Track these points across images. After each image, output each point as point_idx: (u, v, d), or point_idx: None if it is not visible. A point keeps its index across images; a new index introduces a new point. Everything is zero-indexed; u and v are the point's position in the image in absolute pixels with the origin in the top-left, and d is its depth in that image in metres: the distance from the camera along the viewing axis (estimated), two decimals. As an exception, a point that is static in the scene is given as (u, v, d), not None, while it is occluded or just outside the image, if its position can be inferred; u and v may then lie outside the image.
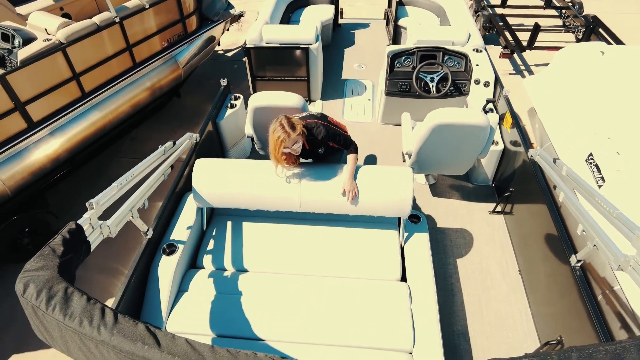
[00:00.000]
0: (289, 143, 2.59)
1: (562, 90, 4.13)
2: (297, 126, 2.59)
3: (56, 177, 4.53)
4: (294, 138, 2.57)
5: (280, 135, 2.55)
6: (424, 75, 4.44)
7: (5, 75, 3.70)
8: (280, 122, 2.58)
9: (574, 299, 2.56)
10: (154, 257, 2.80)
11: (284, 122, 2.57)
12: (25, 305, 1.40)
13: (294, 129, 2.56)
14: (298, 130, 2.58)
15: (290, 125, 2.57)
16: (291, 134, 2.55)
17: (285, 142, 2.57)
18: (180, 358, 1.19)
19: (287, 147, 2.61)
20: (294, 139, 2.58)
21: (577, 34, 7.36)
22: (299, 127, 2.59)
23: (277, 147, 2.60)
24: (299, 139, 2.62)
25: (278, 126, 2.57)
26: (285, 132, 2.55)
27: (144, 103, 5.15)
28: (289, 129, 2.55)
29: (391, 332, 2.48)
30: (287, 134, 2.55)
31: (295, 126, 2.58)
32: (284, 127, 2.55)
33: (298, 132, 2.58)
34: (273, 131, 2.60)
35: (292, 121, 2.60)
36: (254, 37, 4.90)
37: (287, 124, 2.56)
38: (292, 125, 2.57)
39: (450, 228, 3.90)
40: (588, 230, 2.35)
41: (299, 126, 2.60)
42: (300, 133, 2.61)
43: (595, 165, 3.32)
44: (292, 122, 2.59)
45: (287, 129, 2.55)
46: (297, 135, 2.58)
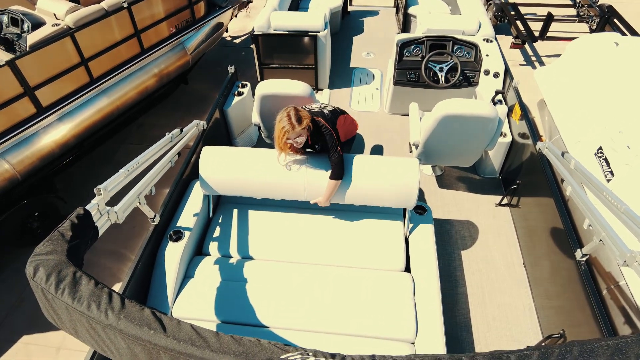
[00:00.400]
0: (292, 135, 2.58)
1: (574, 82, 4.07)
2: (304, 121, 2.57)
3: (65, 163, 4.58)
4: (297, 131, 2.56)
5: (285, 126, 2.55)
6: (433, 64, 4.39)
7: (14, 60, 3.72)
8: (288, 112, 2.57)
9: (578, 293, 2.55)
10: (161, 244, 2.83)
11: (291, 113, 2.56)
12: (35, 289, 1.43)
13: (299, 123, 2.55)
14: (304, 124, 2.57)
15: (297, 118, 2.55)
16: (296, 127, 2.54)
17: (289, 133, 2.56)
18: (185, 343, 1.21)
19: (290, 138, 2.61)
20: (297, 132, 2.57)
21: (591, 24, 7.21)
22: (305, 121, 2.57)
23: (281, 137, 2.60)
24: (303, 132, 2.61)
25: (285, 116, 2.56)
26: (291, 124, 2.54)
27: (151, 89, 5.16)
28: (294, 121, 2.54)
29: (394, 322, 2.50)
30: (292, 126, 2.54)
31: (302, 120, 2.56)
32: (290, 118, 2.54)
33: (303, 126, 2.57)
34: (279, 120, 2.59)
35: (300, 114, 2.57)
36: (261, 23, 4.86)
37: (294, 116, 2.55)
38: (299, 119, 2.55)
39: (456, 220, 3.89)
40: (595, 224, 2.33)
41: (306, 121, 2.58)
42: (306, 127, 2.59)
43: (604, 159, 3.28)
44: (300, 115, 2.57)
45: (292, 121, 2.54)
46: (301, 129, 2.56)
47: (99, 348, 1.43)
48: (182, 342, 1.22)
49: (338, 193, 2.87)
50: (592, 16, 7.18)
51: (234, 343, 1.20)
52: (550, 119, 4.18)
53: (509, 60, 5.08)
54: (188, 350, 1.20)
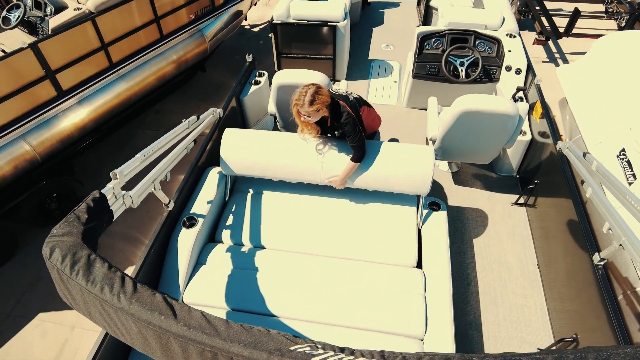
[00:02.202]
0: (302, 111, 2.63)
1: (598, 81, 3.95)
2: (316, 104, 2.60)
3: (83, 146, 4.65)
4: (306, 110, 2.61)
5: (298, 100, 2.62)
6: (453, 59, 4.31)
7: (37, 43, 3.77)
8: (307, 90, 2.60)
9: (593, 297, 2.50)
10: (174, 229, 2.86)
11: (309, 91, 2.59)
12: (51, 269, 1.46)
13: (310, 104, 2.59)
14: (314, 107, 2.60)
15: (310, 99, 2.58)
16: (305, 106, 2.59)
17: (298, 107, 2.63)
18: (195, 330, 1.22)
19: (301, 112, 2.66)
20: (306, 111, 2.62)
21: (619, 21, 6.98)
22: (317, 105, 2.60)
23: (293, 105, 2.67)
24: (312, 114, 2.64)
25: (303, 91, 2.61)
26: (302, 101, 2.59)
27: (169, 76, 5.19)
28: (306, 101, 2.58)
29: (404, 318, 2.49)
30: (302, 104, 2.60)
31: (314, 103, 2.59)
32: (305, 95, 2.58)
33: (314, 108, 2.60)
34: (297, 91, 2.65)
35: (316, 96, 2.59)
36: (281, 12, 4.83)
37: (309, 95, 2.58)
38: (312, 101, 2.58)
39: (471, 217, 3.84)
40: (615, 228, 2.27)
41: (318, 105, 2.60)
42: (317, 110, 2.62)
43: (627, 161, 3.19)
44: (315, 97, 2.59)
45: (304, 99, 2.58)
46: (311, 110, 2.60)
47: (111, 330, 1.45)
48: (192, 329, 1.23)
49: (353, 176, 2.91)
50: (621, 13, 6.94)
51: (243, 332, 1.21)
52: (571, 118, 4.08)
53: (532, 56, 4.95)
54: (198, 338, 1.21)
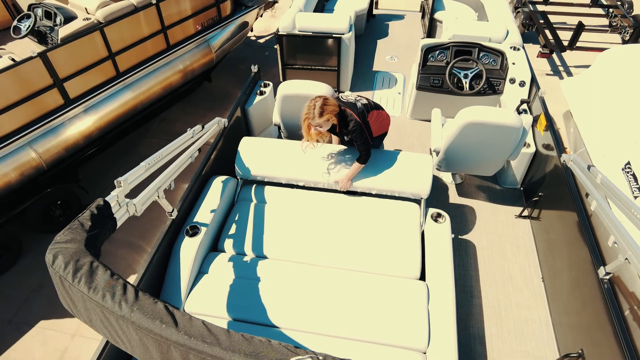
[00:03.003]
0: (313, 123, 2.76)
1: (603, 94, 3.95)
2: (325, 115, 2.71)
3: (88, 154, 4.68)
4: (317, 121, 2.73)
5: (308, 113, 2.74)
6: (457, 71, 4.33)
7: (46, 52, 3.82)
8: (315, 103, 2.72)
9: (599, 312, 2.47)
10: (177, 238, 2.85)
11: (317, 104, 2.71)
12: (54, 276, 1.46)
13: (320, 115, 2.71)
14: (325, 117, 2.71)
15: (319, 111, 2.70)
16: (315, 118, 2.71)
17: (309, 119, 2.75)
18: (196, 339, 1.21)
19: (312, 125, 2.78)
20: (317, 122, 2.74)
21: (624, 35, 7.00)
22: (326, 115, 2.71)
23: (303, 120, 2.78)
24: (323, 124, 2.76)
25: (311, 105, 2.73)
26: (312, 114, 2.71)
27: (175, 85, 5.24)
28: (316, 113, 2.70)
29: (406, 330, 2.46)
30: (312, 117, 2.72)
31: (324, 114, 2.71)
32: (314, 108, 2.70)
33: (324, 119, 2.72)
34: (306, 105, 2.77)
35: (325, 107, 2.71)
36: (286, 24, 4.88)
37: (318, 107, 2.69)
38: (321, 112, 2.70)
39: (475, 229, 3.82)
40: (620, 242, 2.25)
41: (327, 115, 2.72)
42: (327, 120, 2.74)
43: (632, 174, 3.17)
44: (324, 109, 2.71)
45: (314, 112, 2.70)
46: (322, 121, 2.72)
47: (112, 338, 1.44)
48: (193, 338, 1.22)
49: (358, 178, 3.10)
50: (625, 27, 6.97)
51: (244, 342, 1.20)
52: (576, 131, 4.07)
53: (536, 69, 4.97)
54: (198, 347, 1.21)
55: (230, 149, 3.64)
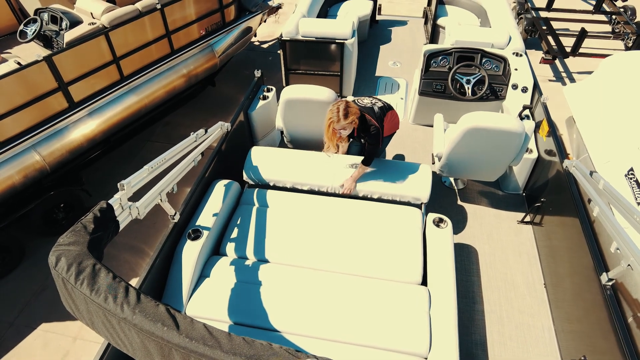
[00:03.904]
0: (337, 126, 2.82)
1: (605, 100, 3.95)
2: (350, 117, 2.78)
3: (92, 157, 4.71)
4: (342, 124, 2.79)
5: (332, 117, 2.79)
6: (460, 76, 4.34)
7: (51, 56, 3.86)
8: (338, 106, 2.79)
9: (602, 318, 2.46)
10: (179, 241, 2.86)
11: (341, 107, 2.78)
12: (56, 278, 1.47)
13: (345, 117, 2.78)
14: (349, 119, 2.78)
15: (344, 113, 2.76)
16: (340, 120, 2.77)
17: (334, 124, 2.80)
18: (197, 342, 1.22)
19: (337, 129, 2.85)
20: (342, 125, 2.80)
21: (626, 41, 7.01)
22: (351, 117, 2.79)
23: (327, 125, 2.84)
24: (347, 126, 2.84)
25: (335, 108, 2.79)
26: (337, 116, 2.77)
27: (179, 90, 5.27)
28: (341, 115, 2.76)
29: (408, 335, 2.45)
30: (338, 119, 2.77)
31: (349, 116, 2.77)
32: (339, 112, 2.77)
33: (349, 121, 2.79)
34: (329, 110, 2.83)
35: (348, 110, 2.78)
36: (290, 29, 4.91)
37: (342, 110, 2.76)
38: (346, 114, 2.77)
39: (477, 235, 3.81)
40: (623, 248, 2.24)
41: (352, 117, 2.79)
42: (351, 122, 2.80)
43: (635, 181, 3.16)
44: (348, 111, 2.78)
45: (339, 115, 2.76)
46: (346, 123, 2.78)
47: (113, 341, 1.45)
48: (195, 341, 1.22)
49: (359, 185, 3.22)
50: (628, 33, 6.98)
51: (245, 345, 1.20)
52: (578, 136, 4.07)
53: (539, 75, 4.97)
54: (200, 350, 1.21)
55: (233, 153, 3.65)
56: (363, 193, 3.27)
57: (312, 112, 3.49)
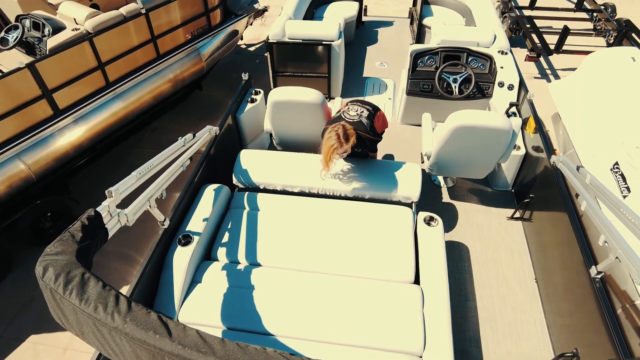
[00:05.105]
0: (340, 151, 2.85)
1: (589, 96, 4.02)
2: (351, 138, 2.83)
3: (79, 164, 4.64)
4: (345, 148, 2.83)
5: (334, 144, 2.80)
6: (446, 75, 4.37)
7: (34, 63, 3.80)
8: (337, 132, 2.80)
9: (592, 311, 2.49)
10: (169, 248, 2.83)
11: (340, 132, 2.80)
12: (44, 288, 1.44)
13: (347, 141, 2.82)
14: (351, 141, 2.83)
15: (345, 137, 2.81)
16: (344, 145, 2.81)
17: (338, 150, 2.83)
18: (190, 349, 1.20)
19: (338, 153, 2.89)
20: (345, 149, 2.84)
21: (608, 38, 7.14)
22: (352, 139, 2.83)
23: (329, 154, 2.85)
24: (349, 148, 2.88)
25: (334, 135, 2.80)
26: (339, 142, 2.79)
27: (166, 94, 5.23)
28: (342, 140, 2.80)
29: (402, 335, 2.46)
30: (340, 144, 2.80)
31: (349, 138, 2.82)
32: (340, 137, 2.79)
33: (350, 143, 2.83)
34: (327, 138, 2.84)
35: (347, 133, 2.82)
36: (276, 32, 4.91)
37: (342, 135, 2.80)
38: (347, 138, 2.82)
39: (467, 232, 3.84)
40: (610, 241, 2.28)
41: (352, 138, 2.84)
42: (352, 143, 2.85)
43: (620, 174, 3.22)
44: (347, 135, 2.82)
45: (341, 140, 2.80)
46: (349, 146, 2.83)
47: (104, 351, 1.42)
48: (187, 348, 1.21)
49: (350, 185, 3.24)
50: (609, 30, 7.11)
51: (239, 350, 1.19)
52: (564, 132, 4.13)
53: (524, 73, 5.04)
54: (193, 357, 1.19)
55: (222, 157, 3.63)
56: (354, 193, 3.27)
57: (300, 114, 3.49)
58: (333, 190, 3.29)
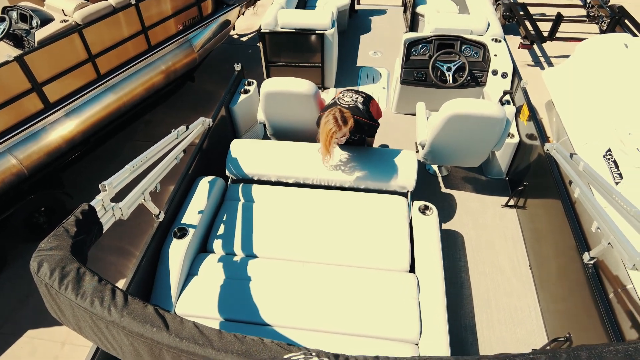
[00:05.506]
0: (339, 135, 2.80)
1: (583, 83, 4.02)
2: (349, 121, 2.80)
3: (71, 158, 4.60)
4: (344, 131, 2.80)
5: (332, 128, 2.77)
6: (440, 64, 4.36)
7: (23, 56, 3.74)
8: (334, 115, 2.77)
9: (585, 296, 2.52)
10: (165, 241, 2.83)
11: (337, 115, 2.77)
12: (39, 284, 1.43)
13: (345, 124, 2.78)
14: (349, 124, 2.80)
15: (342, 120, 2.77)
16: (342, 128, 2.77)
17: (337, 134, 2.78)
18: (187, 342, 1.21)
19: (337, 138, 2.83)
20: (344, 132, 2.81)
21: (601, 25, 7.13)
22: (350, 121, 2.81)
23: (328, 138, 2.80)
24: (347, 132, 2.84)
25: (332, 119, 2.77)
26: (337, 126, 2.75)
27: (158, 86, 5.17)
28: (341, 123, 2.76)
29: (398, 323, 2.48)
30: (339, 127, 2.76)
31: (347, 121, 2.79)
32: (337, 120, 2.76)
33: (349, 126, 2.80)
34: (325, 123, 2.79)
35: (345, 116, 2.79)
36: (269, 21, 4.86)
37: (340, 118, 2.76)
38: (345, 120, 2.78)
39: (462, 220, 3.86)
40: (603, 227, 2.30)
41: (350, 121, 2.81)
42: (350, 126, 2.81)
43: (613, 161, 3.24)
44: (345, 117, 2.79)
45: (339, 123, 2.76)
46: (347, 129, 2.80)
47: (102, 344, 1.43)
48: (185, 340, 1.21)
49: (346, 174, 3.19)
50: (602, 17, 7.10)
51: (236, 342, 1.19)
52: (558, 120, 4.14)
53: (518, 60, 5.03)
54: (190, 349, 1.20)
55: (216, 149, 3.61)
56: (349, 183, 3.25)
57: (293, 105, 3.47)
58: (328, 180, 3.26)
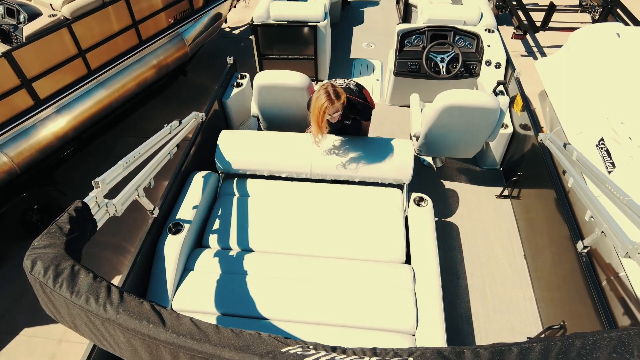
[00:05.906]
0: (332, 110, 2.66)
1: (575, 73, 4.03)
2: (342, 95, 2.66)
3: (64, 155, 4.55)
4: (337, 106, 2.65)
5: (325, 103, 2.62)
6: (434, 55, 4.35)
7: (11, 52, 3.68)
8: (326, 89, 2.64)
9: (579, 284, 2.55)
10: (160, 236, 2.82)
11: (329, 89, 2.63)
12: (33, 282, 1.42)
13: (338, 98, 2.63)
14: (342, 99, 2.66)
15: (335, 94, 2.63)
16: (335, 102, 2.63)
17: (329, 109, 2.64)
18: (184, 337, 1.20)
19: (330, 114, 2.68)
20: (336, 107, 2.66)
21: (593, 14, 7.12)
22: (343, 96, 2.67)
23: (320, 114, 2.67)
24: (340, 107, 2.69)
25: (323, 93, 2.63)
26: (330, 100, 2.62)
27: (150, 81, 5.12)
28: (333, 97, 2.62)
29: (394, 314, 2.50)
30: (331, 102, 2.62)
31: (340, 95, 2.65)
32: (329, 94, 2.62)
33: (342, 101, 2.65)
34: (317, 98, 2.66)
35: (337, 90, 2.65)
36: (261, 14, 4.81)
37: (332, 92, 2.63)
38: (337, 94, 2.64)
39: (457, 211, 3.88)
40: (596, 216, 2.32)
41: (343, 95, 2.67)
42: (343, 102, 2.67)
43: (606, 150, 3.26)
44: (337, 91, 2.65)
45: (332, 97, 2.62)
46: (340, 104, 2.65)
47: (98, 342, 1.42)
48: (182, 336, 1.21)
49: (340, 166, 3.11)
50: (594, 6, 7.09)
51: (233, 336, 1.19)
52: (551, 110, 4.15)
53: (511, 50, 5.03)
54: (187, 344, 1.20)
55: (209, 144, 3.59)
56: (345, 176, 3.22)
57: (286, 98, 3.46)
58: (323, 171, 3.22)
